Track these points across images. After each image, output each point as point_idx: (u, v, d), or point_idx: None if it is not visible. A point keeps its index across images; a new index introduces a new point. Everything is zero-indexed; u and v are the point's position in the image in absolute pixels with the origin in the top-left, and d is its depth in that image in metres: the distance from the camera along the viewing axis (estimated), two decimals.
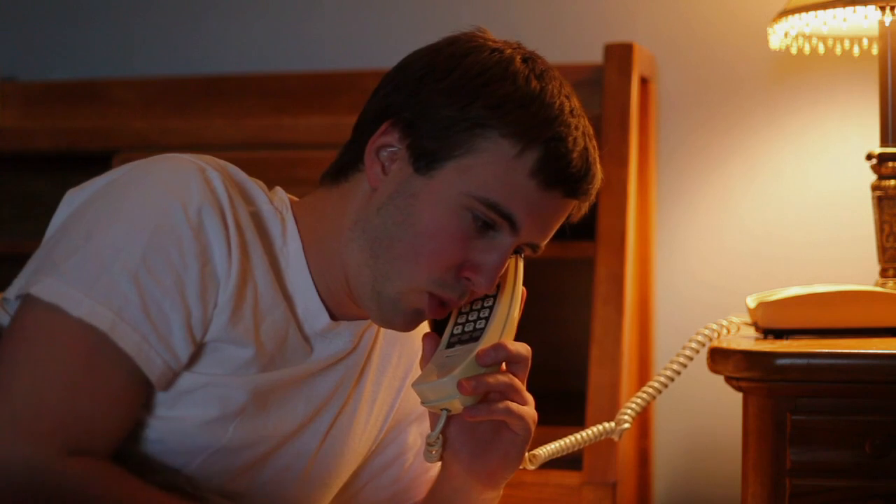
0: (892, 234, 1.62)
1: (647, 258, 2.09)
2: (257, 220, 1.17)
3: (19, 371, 1.05)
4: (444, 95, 1.14)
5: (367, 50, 2.29)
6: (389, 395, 1.30)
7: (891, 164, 1.62)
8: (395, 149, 1.16)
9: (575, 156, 1.13)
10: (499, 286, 1.21)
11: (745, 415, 1.33)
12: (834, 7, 1.62)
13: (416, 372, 1.28)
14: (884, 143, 1.64)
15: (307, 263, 1.19)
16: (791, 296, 1.43)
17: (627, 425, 1.38)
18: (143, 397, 1.10)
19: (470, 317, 1.20)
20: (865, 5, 1.61)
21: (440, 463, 1.24)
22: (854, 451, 1.28)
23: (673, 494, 2.13)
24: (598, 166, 1.18)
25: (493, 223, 1.13)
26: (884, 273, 1.64)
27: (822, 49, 1.81)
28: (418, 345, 1.23)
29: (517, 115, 1.12)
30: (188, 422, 1.13)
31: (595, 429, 1.37)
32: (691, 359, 1.40)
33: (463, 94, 1.13)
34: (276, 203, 1.20)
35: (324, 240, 1.19)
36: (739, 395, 1.34)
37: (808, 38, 1.79)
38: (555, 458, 1.34)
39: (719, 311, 1.67)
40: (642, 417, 2.06)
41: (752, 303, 1.48)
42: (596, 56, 2.06)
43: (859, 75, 2.01)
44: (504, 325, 1.18)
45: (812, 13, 1.64)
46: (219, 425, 1.14)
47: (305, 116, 2.19)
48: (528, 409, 1.18)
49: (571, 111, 1.15)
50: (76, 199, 1.14)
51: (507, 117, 1.12)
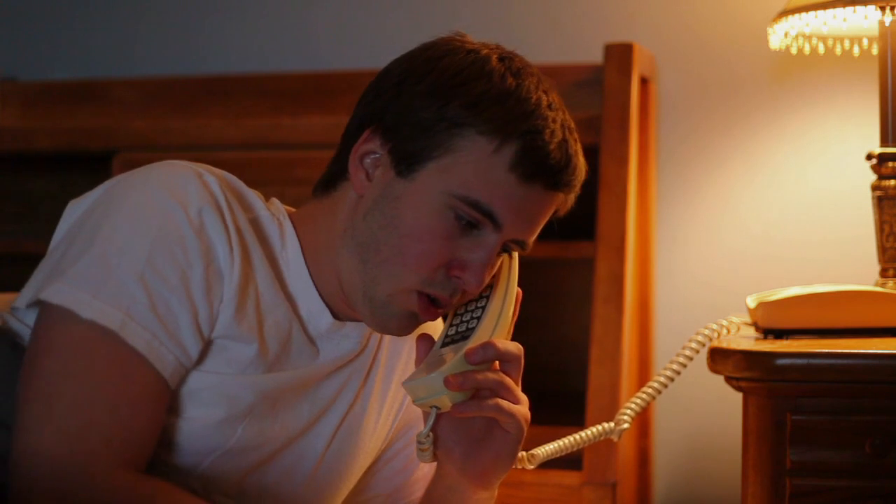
0: (892, 234, 1.62)
1: (647, 258, 2.09)
2: (256, 225, 1.19)
3: (58, 387, 1.07)
4: (422, 98, 1.15)
5: (367, 50, 2.29)
6: (399, 395, 1.31)
7: (891, 164, 1.62)
8: (377, 155, 1.17)
9: (553, 147, 1.14)
10: (493, 285, 1.21)
11: (745, 415, 1.33)
12: (834, 7, 1.62)
13: None
14: (884, 143, 1.64)
15: (307, 266, 1.20)
16: (791, 296, 1.43)
17: (626, 425, 1.37)
18: (166, 400, 1.11)
19: (464, 317, 1.21)
20: (865, 5, 1.61)
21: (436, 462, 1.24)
22: (854, 451, 1.28)
23: (673, 494, 2.13)
24: (580, 158, 1.19)
25: (475, 221, 1.14)
26: (884, 273, 1.64)
27: (822, 49, 1.81)
28: None
29: (493, 111, 1.13)
30: (198, 422, 1.14)
31: (594, 429, 1.37)
32: (691, 359, 1.39)
33: (439, 94, 1.14)
34: (273, 210, 1.22)
35: (319, 249, 1.21)
36: (739, 395, 1.34)
37: (808, 38, 1.79)
38: (553, 458, 1.34)
39: (719, 310, 1.67)
40: (642, 417, 2.06)
41: (752, 303, 1.48)
42: (596, 56, 2.06)
43: (859, 75, 2.01)
44: (496, 324, 1.19)
45: (812, 13, 1.64)
46: (227, 426, 1.15)
47: (305, 116, 2.19)
48: (521, 409, 1.17)
49: (549, 105, 1.16)
50: (77, 209, 1.16)
51: (484, 115, 1.13)
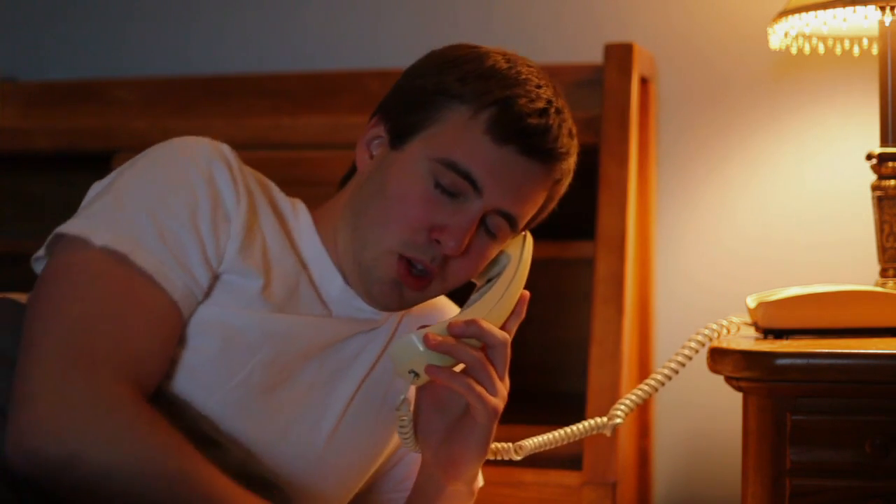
0: (892, 234, 1.62)
1: (647, 258, 2.09)
2: (271, 200, 1.27)
3: (67, 305, 1.11)
4: (418, 77, 1.24)
5: (368, 50, 2.28)
6: None
7: (891, 164, 1.62)
8: (381, 138, 1.26)
9: (529, 112, 1.19)
10: (499, 275, 1.25)
11: (745, 415, 1.33)
12: (834, 7, 1.62)
13: None
14: (884, 143, 1.64)
15: (319, 237, 1.28)
16: (791, 296, 1.43)
17: (619, 420, 1.37)
18: (177, 327, 1.16)
19: (468, 304, 1.24)
20: (865, 5, 1.61)
21: None
22: (854, 451, 1.28)
23: (673, 494, 2.13)
24: (566, 133, 1.23)
25: (456, 184, 1.19)
26: (884, 273, 1.64)
27: (822, 49, 1.81)
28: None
29: (478, 84, 1.20)
30: (203, 352, 1.18)
31: (586, 423, 1.37)
32: (690, 358, 1.39)
33: (434, 71, 1.23)
34: (291, 199, 1.31)
35: (327, 225, 1.28)
36: (739, 395, 1.34)
37: (808, 38, 1.79)
38: (542, 450, 1.34)
39: (719, 310, 1.67)
40: (642, 417, 2.06)
41: (752, 303, 1.48)
42: (596, 56, 2.06)
43: (859, 75, 2.01)
44: (490, 308, 1.21)
45: (812, 13, 1.64)
46: (234, 359, 1.18)
47: (305, 116, 2.19)
48: (492, 399, 1.18)
49: (538, 85, 1.22)
50: (98, 185, 1.25)
51: (468, 86, 1.20)
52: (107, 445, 1.05)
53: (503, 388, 1.19)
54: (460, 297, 1.33)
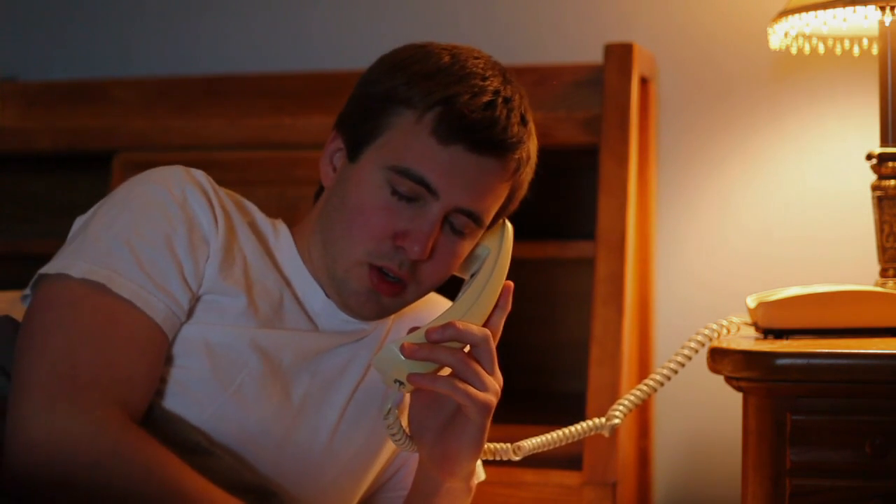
0: (892, 234, 1.62)
1: (647, 258, 2.09)
2: (253, 227, 1.28)
3: (51, 337, 1.13)
4: (369, 84, 1.26)
5: (368, 50, 2.27)
6: None
7: (891, 164, 1.62)
8: (340, 150, 1.27)
9: (473, 109, 1.19)
10: (476, 273, 1.24)
11: (745, 415, 1.33)
12: (834, 7, 1.62)
13: None
14: (884, 143, 1.64)
15: (299, 255, 1.29)
16: (791, 296, 1.43)
17: (617, 421, 1.37)
18: (162, 349, 1.17)
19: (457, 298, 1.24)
20: (865, 5, 1.61)
21: None
22: (854, 451, 1.28)
23: (673, 494, 2.13)
24: (515, 122, 1.23)
25: (412, 190, 1.20)
26: (884, 273, 1.64)
27: (822, 49, 1.81)
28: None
29: (422, 86, 1.21)
30: (194, 371, 1.19)
31: (584, 424, 1.37)
32: (689, 358, 1.39)
33: (383, 77, 1.24)
34: (272, 220, 1.32)
35: (306, 243, 1.30)
36: (739, 395, 1.34)
37: (808, 38, 1.79)
38: (541, 451, 1.34)
39: (719, 310, 1.67)
40: (642, 417, 2.06)
41: (752, 303, 1.48)
42: (596, 56, 2.06)
43: (859, 75, 2.01)
44: (468, 308, 1.21)
45: (812, 13, 1.64)
46: (224, 373, 1.20)
47: (305, 116, 2.19)
48: (482, 395, 1.18)
49: (484, 78, 1.22)
50: (80, 220, 1.25)
51: (413, 90, 1.21)
52: (93, 469, 1.08)
53: (493, 382, 1.19)
54: (454, 291, 1.33)
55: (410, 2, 2.28)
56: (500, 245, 1.27)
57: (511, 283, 1.25)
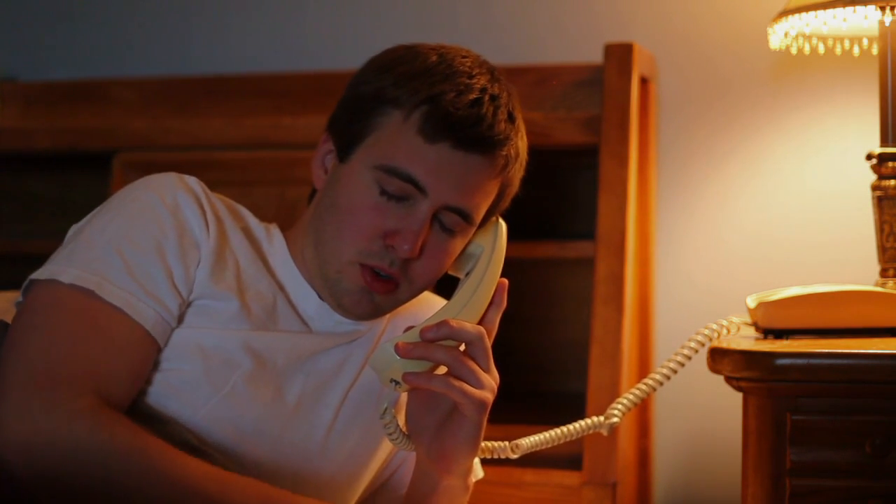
0: (892, 234, 1.62)
1: (647, 258, 2.09)
2: (247, 232, 1.28)
3: (31, 337, 1.15)
4: (358, 85, 1.27)
5: (367, 50, 2.27)
6: None
7: (891, 164, 1.62)
8: (331, 152, 1.28)
9: (459, 106, 1.20)
10: (470, 272, 1.25)
11: (745, 415, 1.33)
12: (834, 7, 1.62)
13: None
14: (884, 143, 1.64)
15: (292, 259, 1.29)
16: (791, 296, 1.43)
17: (616, 420, 1.37)
18: (149, 353, 1.18)
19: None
20: (865, 5, 1.61)
21: None
22: (854, 451, 1.28)
23: (673, 494, 2.13)
24: (502, 119, 1.23)
25: (401, 189, 1.21)
26: (884, 273, 1.64)
27: (822, 49, 1.81)
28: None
29: (409, 85, 1.22)
30: (187, 372, 1.20)
31: (583, 422, 1.37)
32: (689, 358, 1.40)
33: (372, 78, 1.25)
34: (266, 224, 1.32)
35: (299, 246, 1.30)
36: (739, 395, 1.34)
37: (808, 38, 1.79)
38: (539, 449, 1.34)
39: (719, 310, 1.67)
40: (642, 417, 2.06)
41: (752, 303, 1.48)
42: (596, 56, 2.06)
43: (859, 75, 2.01)
44: (462, 306, 1.21)
45: (812, 13, 1.64)
46: (217, 374, 1.20)
47: (305, 116, 2.19)
48: (478, 392, 1.18)
49: (470, 76, 1.22)
50: (75, 227, 1.26)
51: (400, 90, 1.22)
52: (71, 454, 1.09)
53: (489, 379, 1.19)
54: (451, 289, 1.33)
55: (410, 2, 2.28)
56: (494, 243, 1.27)
57: (506, 281, 1.25)
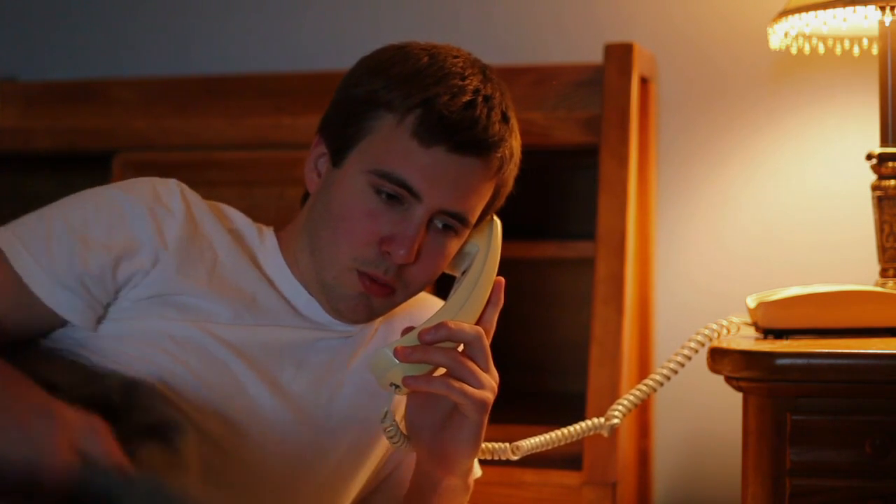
0: (892, 234, 1.62)
1: (647, 258, 2.09)
2: (232, 232, 1.28)
3: None
4: (349, 87, 1.25)
5: (367, 50, 2.28)
6: None
7: (891, 164, 1.62)
8: (324, 156, 1.27)
9: (453, 110, 1.19)
10: (466, 272, 1.24)
11: (745, 415, 1.33)
12: (834, 7, 1.62)
13: None
14: (884, 143, 1.64)
15: (284, 259, 1.29)
16: (791, 296, 1.43)
17: (617, 421, 1.37)
18: (31, 314, 1.21)
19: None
20: (865, 5, 1.61)
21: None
22: (854, 451, 1.28)
23: (673, 494, 2.13)
24: (496, 120, 1.22)
25: (395, 194, 1.20)
26: (884, 273, 1.64)
27: (822, 49, 1.81)
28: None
29: (401, 88, 1.21)
30: (164, 366, 1.20)
31: (583, 424, 1.37)
32: (689, 358, 1.39)
33: (363, 80, 1.24)
34: (258, 226, 1.32)
35: (292, 249, 1.30)
36: (739, 395, 1.34)
37: (808, 38, 1.79)
38: (539, 450, 1.34)
39: (719, 310, 1.67)
40: (642, 417, 2.06)
41: (752, 303, 1.48)
42: (596, 56, 2.06)
43: (859, 75, 2.01)
44: (459, 307, 1.21)
45: (812, 13, 1.64)
46: (204, 370, 1.21)
47: (305, 116, 2.19)
48: (478, 392, 1.17)
49: (463, 77, 1.21)
50: None
51: (393, 92, 1.21)
52: None
53: (489, 379, 1.19)
54: (447, 289, 1.33)
55: (410, 2, 2.28)
56: (489, 242, 1.27)
57: (502, 279, 1.25)
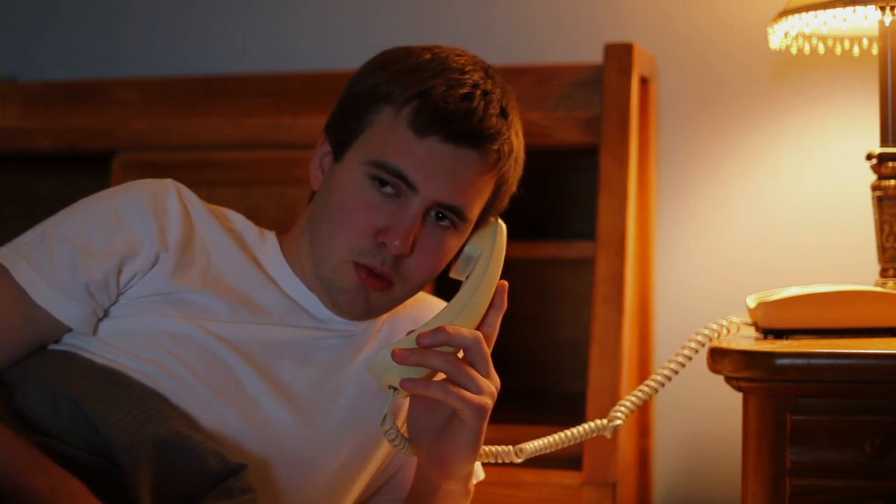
0: (892, 234, 1.62)
1: (647, 258, 2.09)
2: (232, 232, 1.29)
3: None
4: (353, 85, 1.28)
5: (368, 50, 2.27)
6: None
7: (891, 164, 1.62)
8: (328, 153, 1.29)
9: (449, 101, 1.20)
10: (469, 275, 1.24)
11: (745, 415, 1.33)
12: (834, 7, 1.62)
13: None
14: (884, 143, 1.64)
15: (286, 259, 1.30)
16: (791, 296, 1.43)
17: (619, 422, 1.37)
18: (37, 330, 1.20)
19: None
20: (865, 5, 1.61)
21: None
22: (854, 451, 1.28)
23: (673, 494, 2.13)
24: (494, 113, 1.22)
25: (391, 185, 1.21)
26: (884, 273, 1.64)
27: (822, 49, 1.81)
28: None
29: (401, 82, 1.22)
30: (163, 366, 1.20)
31: (586, 426, 1.37)
32: (690, 358, 1.39)
33: (367, 78, 1.26)
34: (260, 228, 1.33)
35: (293, 247, 1.31)
36: (739, 395, 1.34)
37: (808, 38, 1.79)
38: (542, 453, 1.34)
39: (719, 310, 1.67)
40: (642, 417, 2.06)
41: (752, 303, 1.48)
42: (596, 56, 2.06)
43: (859, 75, 2.01)
44: (459, 311, 1.20)
45: (812, 13, 1.64)
46: (203, 370, 1.20)
47: (305, 116, 2.19)
48: (476, 397, 1.17)
49: (463, 72, 1.23)
50: None
51: (393, 85, 1.23)
52: None
53: (488, 384, 1.18)
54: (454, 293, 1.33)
55: (410, 2, 2.28)
56: (493, 245, 1.27)
57: (506, 283, 1.24)
